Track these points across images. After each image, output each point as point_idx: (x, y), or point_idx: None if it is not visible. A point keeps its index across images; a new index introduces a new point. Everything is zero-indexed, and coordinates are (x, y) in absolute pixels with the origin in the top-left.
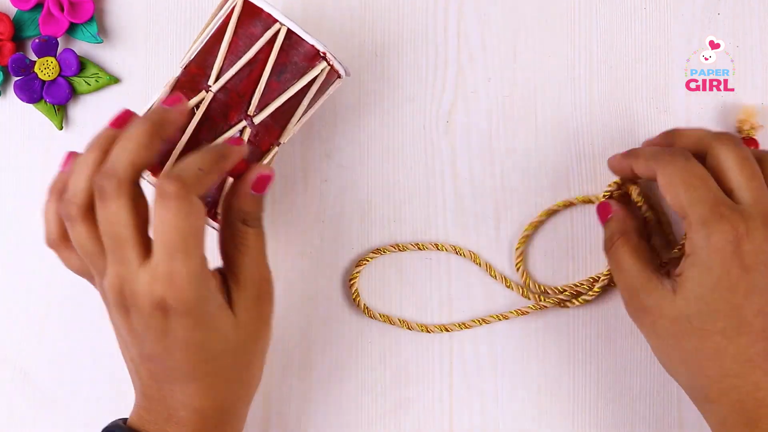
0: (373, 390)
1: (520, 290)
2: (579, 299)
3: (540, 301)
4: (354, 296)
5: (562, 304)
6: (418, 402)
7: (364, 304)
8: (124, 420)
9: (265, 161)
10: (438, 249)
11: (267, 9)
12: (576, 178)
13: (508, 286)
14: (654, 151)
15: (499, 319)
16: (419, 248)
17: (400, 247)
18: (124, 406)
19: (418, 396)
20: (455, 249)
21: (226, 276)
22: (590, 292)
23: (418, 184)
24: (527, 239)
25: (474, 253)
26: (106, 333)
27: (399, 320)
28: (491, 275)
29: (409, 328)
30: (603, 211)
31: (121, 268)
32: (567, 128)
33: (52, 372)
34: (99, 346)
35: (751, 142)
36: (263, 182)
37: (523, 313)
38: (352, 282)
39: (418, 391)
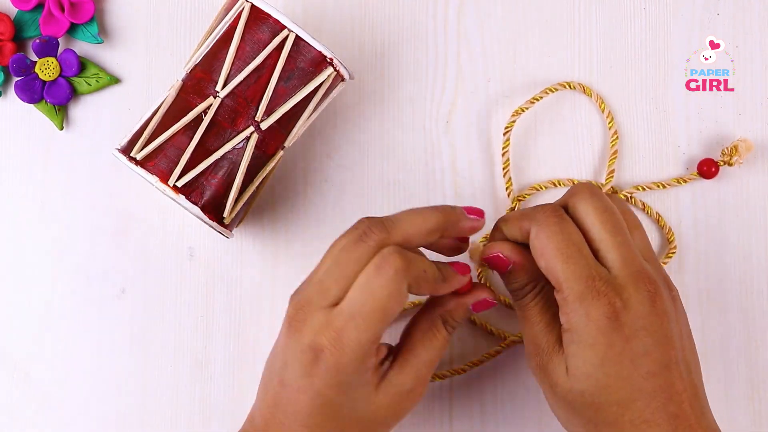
0: None
1: (501, 335)
2: None
3: (505, 339)
4: None
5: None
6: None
7: None
8: None
9: (271, 165)
10: None
11: (275, 15)
12: (576, 178)
13: (489, 332)
14: (527, 210)
15: (473, 366)
16: None
17: None
18: (124, 407)
19: None
20: None
21: (395, 355)
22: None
23: (418, 184)
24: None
25: None
26: (107, 333)
27: None
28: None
29: None
30: (498, 263)
31: (315, 295)
32: (567, 128)
33: (52, 372)
34: (99, 346)
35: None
36: (484, 306)
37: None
38: None
39: None
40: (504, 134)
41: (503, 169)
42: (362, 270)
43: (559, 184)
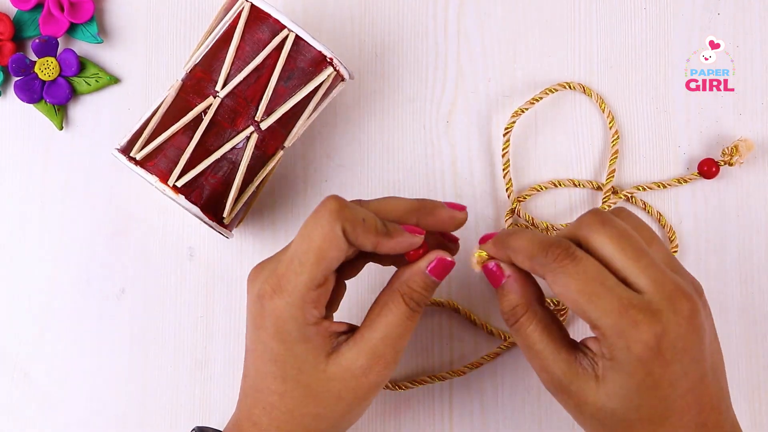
0: None
1: (502, 335)
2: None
3: (506, 339)
4: None
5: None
6: (418, 402)
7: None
8: None
9: (271, 165)
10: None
11: (275, 15)
12: (576, 178)
13: (488, 332)
14: (533, 250)
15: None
16: None
17: None
18: (124, 406)
19: (418, 396)
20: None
21: (354, 331)
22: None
23: (418, 184)
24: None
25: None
26: (106, 333)
27: None
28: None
29: None
30: (493, 277)
31: (273, 255)
32: (567, 128)
33: (52, 372)
34: (99, 346)
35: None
36: (441, 268)
37: (495, 355)
38: None
39: (418, 391)
40: (504, 135)
41: (503, 170)
42: None
43: (560, 185)
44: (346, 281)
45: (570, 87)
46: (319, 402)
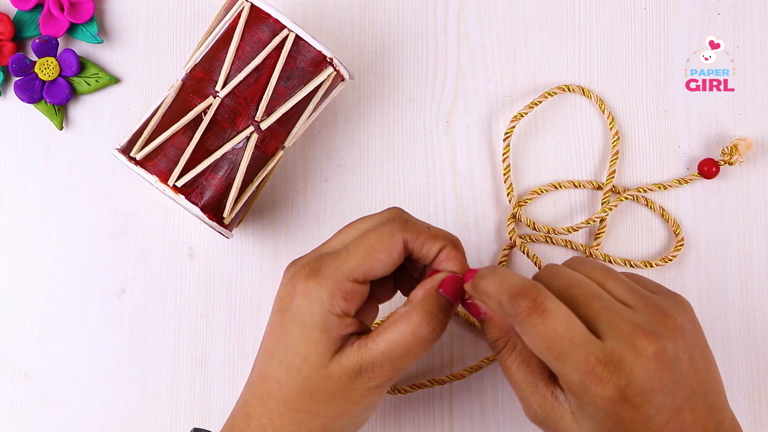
0: None
1: None
2: None
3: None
4: None
5: None
6: (418, 403)
7: None
8: None
9: (271, 165)
10: None
11: (275, 15)
12: (577, 178)
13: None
14: (502, 298)
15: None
16: None
17: None
18: (124, 406)
19: (418, 397)
20: None
21: (364, 336)
22: None
23: (418, 184)
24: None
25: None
26: (106, 333)
27: None
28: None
29: None
30: (472, 311)
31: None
32: (567, 128)
33: (52, 372)
34: (99, 346)
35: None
36: (451, 284)
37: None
38: None
39: (418, 392)
40: (504, 140)
41: (504, 174)
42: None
43: (560, 186)
44: (378, 304)
45: (569, 90)
46: (314, 398)
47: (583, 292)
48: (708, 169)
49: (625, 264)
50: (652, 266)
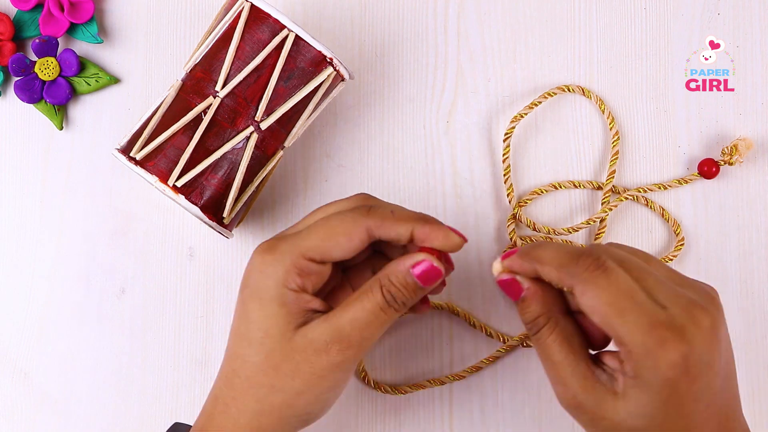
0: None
1: (501, 338)
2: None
3: (505, 342)
4: None
5: (524, 344)
6: (418, 403)
7: None
8: None
9: (271, 165)
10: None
11: (275, 14)
12: (576, 178)
13: (488, 335)
14: (563, 259)
15: (471, 372)
16: None
17: None
18: (124, 406)
19: (418, 397)
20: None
21: (331, 311)
22: None
23: (418, 184)
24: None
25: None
26: (106, 333)
27: None
28: (471, 324)
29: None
30: (511, 290)
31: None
32: (567, 128)
33: (52, 372)
34: (99, 346)
35: None
36: (427, 273)
37: (494, 359)
38: None
39: (418, 392)
40: (504, 141)
41: (504, 175)
42: None
43: (560, 187)
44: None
45: (569, 90)
46: (278, 372)
47: (634, 266)
48: (708, 169)
49: None
50: None
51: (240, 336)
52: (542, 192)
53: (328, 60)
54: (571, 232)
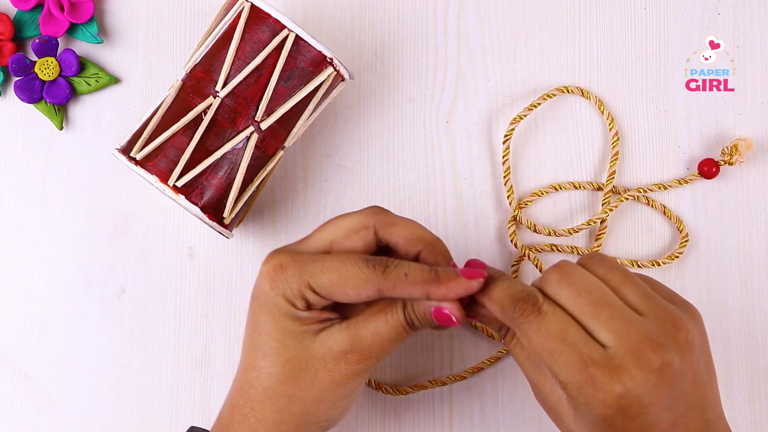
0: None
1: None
2: None
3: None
4: None
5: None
6: (418, 403)
7: None
8: None
9: (271, 165)
10: None
11: (275, 15)
12: (576, 179)
13: (489, 336)
14: (504, 302)
15: (474, 372)
16: None
17: None
18: (124, 406)
19: (418, 398)
20: None
21: (352, 318)
22: None
23: (418, 184)
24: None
25: None
26: (106, 333)
27: None
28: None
29: None
30: (443, 319)
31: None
32: (567, 129)
33: (52, 372)
34: (99, 346)
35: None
36: (442, 317)
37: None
38: None
39: (418, 393)
40: (503, 142)
41: (504, 177)
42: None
43: (560, 188)
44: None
45: (568, 91)
46: (296, 382)
47: (593, 299)
48: (708, 169)
49: (633, 264)
50: (659, 265)
51: (254, 348)
52: (542, 193)
53: (328, 60)
54: (571, 233)
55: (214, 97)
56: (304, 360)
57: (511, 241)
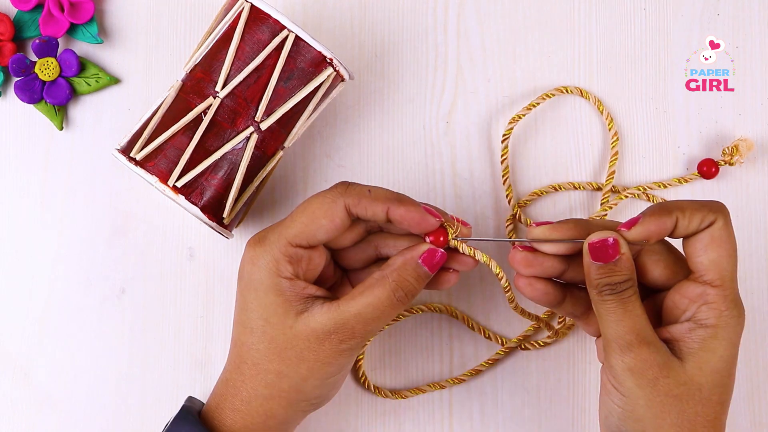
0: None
1: (500, 340)
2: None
3: (504, 344)
4: None
5: (523, 346)
6: (418, 404)
7: None
8: None
9: (271, 166)
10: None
11: (275, 15)
12: (576, 179)
13: (487, 337)
14: (702, 203)
15: (472, 375)
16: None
17: None
18: (124, 407)
19: (418, 399)
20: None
21: (336, 300)
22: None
23: (418, 184)
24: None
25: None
26: (106, 333)
27: None
28: (469, 327)
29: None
30: (605, 253)
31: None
32: (567, 129)
33: (52, 372)
34: (99, 346)
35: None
36: (432, 258)
37: (493, 361)
38: None
39: (418, 395)
40: (502, 142)
41: (503, 176)
42: None
43: (560, 188)
44: (351, 270)
45: (567, 91)
46: (283, 359)
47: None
48: (707, 169)
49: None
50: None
51: (242, 324)
52: (542, 193)
53: (328, 60)
54: None
55: (214, 98)
56: (288, 339)
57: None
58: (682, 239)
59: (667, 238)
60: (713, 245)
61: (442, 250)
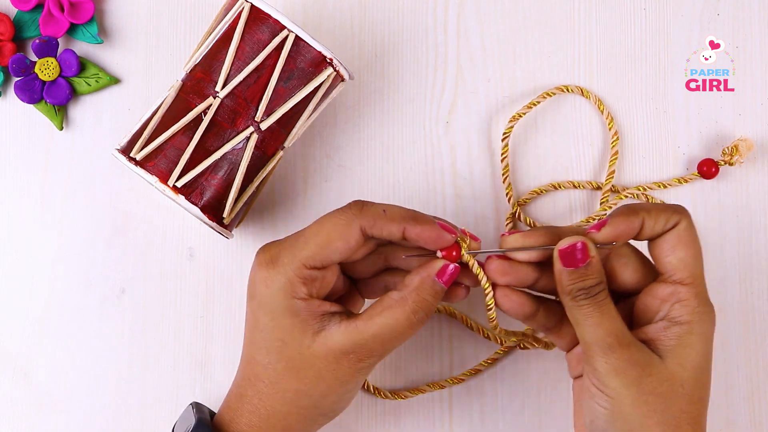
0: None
1: (498, 339)
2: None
3: (503, 343)
4: None
5: (522, 346)
6: (418, 404)
7: None
8: None
9: (271, 166)
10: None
11: (275, 15)
12: (576, 178)
13: (486, 337)
14: (666, 205)
15: (471, 374)
16: None
17: None
18: (124, 407)
19: (418, 399)
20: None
21: (353, 317)
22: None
23: (418, 184)
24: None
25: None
26: (106, 333)
27: None
28: (468, 326)
29: None
30: (574, 258)
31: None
32: (567, 128)
33: (52, 372)
34: (99, 347)
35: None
36: (446, 274)
37: (492, 360)
38: None
39: (418, 395)
40: (502, 140)
41: (503, 174)
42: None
43: (560, 187)
44: (360, 283)
45: (568, 90)
46: (301, 378)
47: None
48: (707, 169)
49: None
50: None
51: (256, 344)
52: (541, 192)
53: (328, 60)
54: None
55: (214, 98)
56: (306, 359)
57: None
58: (648, 243)
59: (632, 242)
60: (680, 245)
61: (456, 264)
